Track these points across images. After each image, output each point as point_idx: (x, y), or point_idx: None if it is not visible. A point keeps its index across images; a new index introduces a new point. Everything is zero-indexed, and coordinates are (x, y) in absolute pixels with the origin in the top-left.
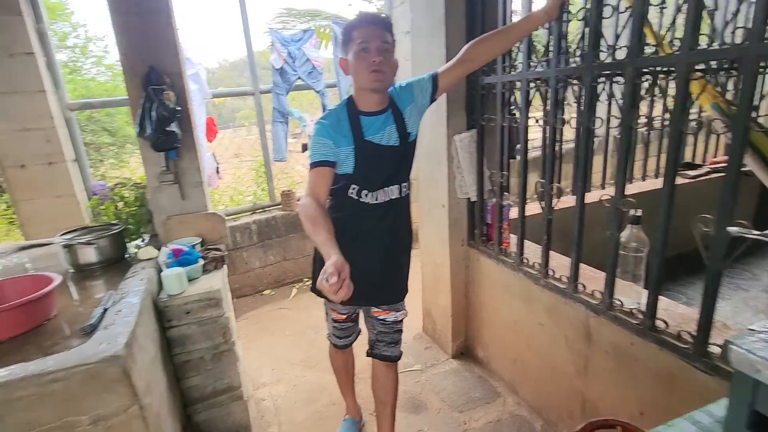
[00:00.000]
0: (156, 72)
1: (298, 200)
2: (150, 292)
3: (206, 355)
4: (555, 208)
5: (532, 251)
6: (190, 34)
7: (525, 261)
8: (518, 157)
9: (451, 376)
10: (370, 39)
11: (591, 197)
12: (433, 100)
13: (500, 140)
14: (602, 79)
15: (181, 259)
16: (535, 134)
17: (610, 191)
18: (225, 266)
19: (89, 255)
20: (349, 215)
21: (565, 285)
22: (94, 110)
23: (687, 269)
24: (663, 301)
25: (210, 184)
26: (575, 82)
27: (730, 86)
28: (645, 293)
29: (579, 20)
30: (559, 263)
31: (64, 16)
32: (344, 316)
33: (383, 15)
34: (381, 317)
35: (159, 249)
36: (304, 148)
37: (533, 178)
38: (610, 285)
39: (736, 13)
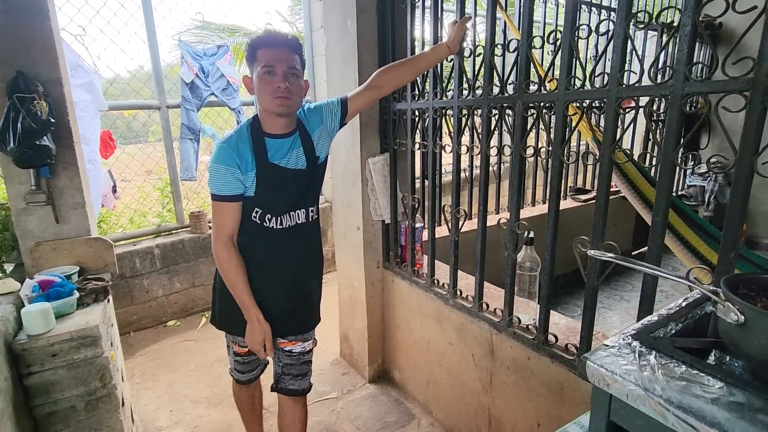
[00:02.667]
0: (26, 78)
1: (210, 223)
2: (4, 334)
3: (78, 404)
4: (464, 230)
5: (444, 272)
6: (91, 40)
7: (436, 282)
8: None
9: (367, 401)
10: (276, 62)
11: (493, 220)
12: (343, 124)
13: (410, 164)
14: (496, 111)
15: (50, 292)
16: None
17: (507, 215)
18: (109, 298)
19: None
20: (252, 240)
21: (471, 304)
22: None
23: (581, 284)
24: (555, 316)
25: (104, 205)
26: (476, 112)
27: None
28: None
29: (476, 56)
30: (468, 283)
31: None
32: (246, 349)
33: (290, 35)
34: (287, 348)
35: (23, 281)
36: None
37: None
38: (509, 303)
39: (597, 60)
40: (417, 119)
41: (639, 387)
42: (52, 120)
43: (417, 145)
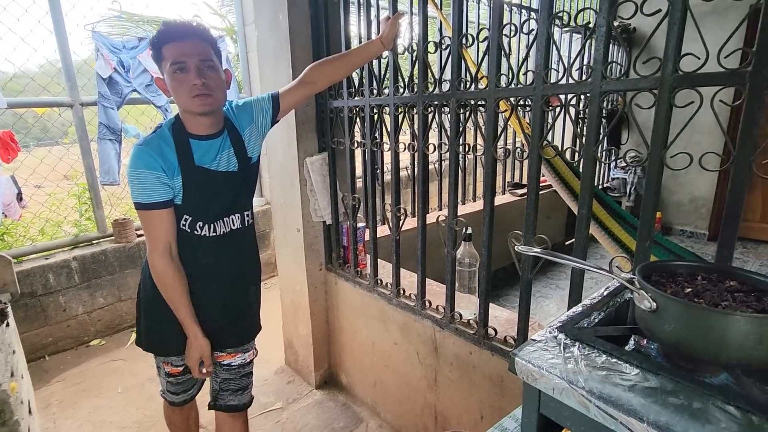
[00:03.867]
0: None
1: (140, 236)
2: None
3: None
4: (406, 228)
5: (388, 272)
6: None
7: (379, 282)
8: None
9: (314, 409)
10: (186, 57)
11: (435, 218)
12: (275, 121)
13: (349, 163)
14: (432, 108)
15: None
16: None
17: (443, 213)
18: (7, 321)
19: None
20: (182, 250)
21: (414, 302)
22: None
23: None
24: (495, 309)
25: (8, 215)
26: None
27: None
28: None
29: (409, 53)
30: (412, 281)
31: None
32: (180, 368)
33: (197, 23)
34: (226, 362)
35: None
36: None
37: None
38: (450, 299)
39: (524, 59)
40: (354, 117)
41: (564, 380)
42: None
43: (356, 144)
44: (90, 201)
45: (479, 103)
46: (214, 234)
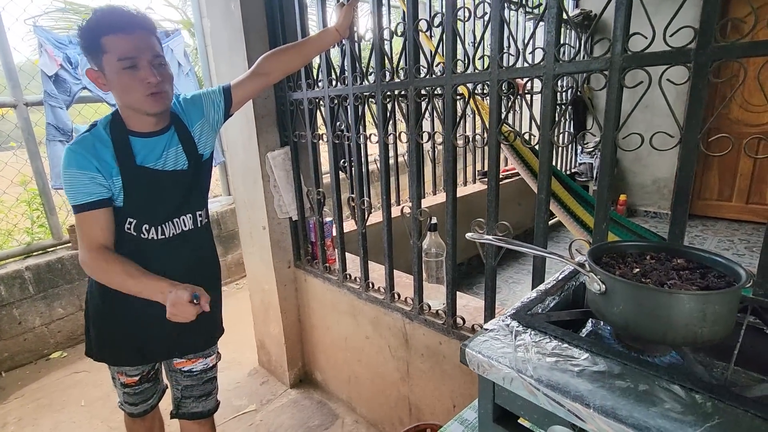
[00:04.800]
0: None
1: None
2: None
3: None
4: (373, 222)
5: (357, 266)
6: None
7: (348, 276)
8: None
9: (289, 408)
10: (138, 52)
11: (398, 211)
12: (228, 115)
13: (312, 157)
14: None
15: None
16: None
17: (407, 204)
18: None
19: None
20: (129, 254)
21: (383, 296)
22: None
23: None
24: (464, 299)
25: None
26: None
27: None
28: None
29: (365, 41)
30: (381, 275)
31: None
32: (137, 378)
33: (137, 12)
34: (186, 368)
35: None
36: None
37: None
38: (418, 291)
39: (478, 44)
40: (315, 109)
41: (513, 370)
42: None
43: (318, 137)
44: (42, 207)
45: (436, 91)
46: (163, 237)
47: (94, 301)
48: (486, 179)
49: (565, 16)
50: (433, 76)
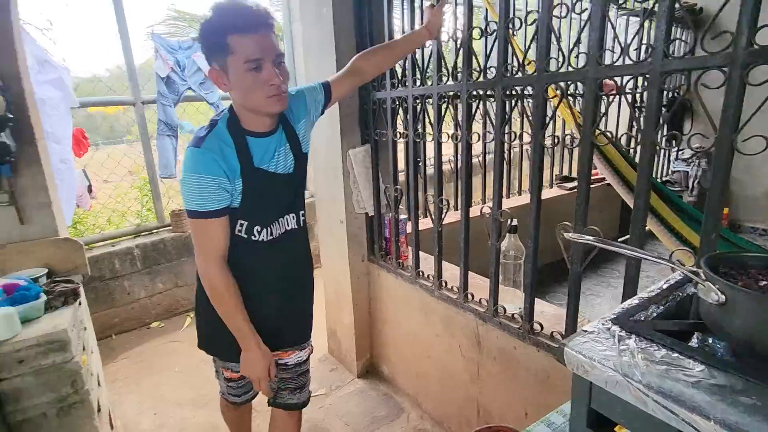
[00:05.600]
0: None
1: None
2: None
3: (49, 411)
4: (449, 221)
5: (430, 264)
6: (62, 35)
7: (421, 274)
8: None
9: (355, 397)
10: (263, 53)
11: (477, 212)
12: (322, 112)
13: (392, 155)
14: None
15: (15, 296)
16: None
17: (487, 205)
18: (80, 300)
19: None
20: (238, 257)
21: (456, 295)
22: None
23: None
24: (541, 305)
25: (80, 205)
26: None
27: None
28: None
29: (453, 40)
30: (454, 274)
31: None
32: (239, 373)
33: (261, 8)
34: (282, 361)
35: None
36: None
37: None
38: (494, 293)
39: (577, 41)
40: (397, 108)
41: (618, 373)
42: (10, 116)
43: (398, 135)
44: (150, 193)
45: (526, 90)
46: (271, 237)
47: (204, 301)
48: (564, 184)
49: (678, 11)
50: (522, 74)
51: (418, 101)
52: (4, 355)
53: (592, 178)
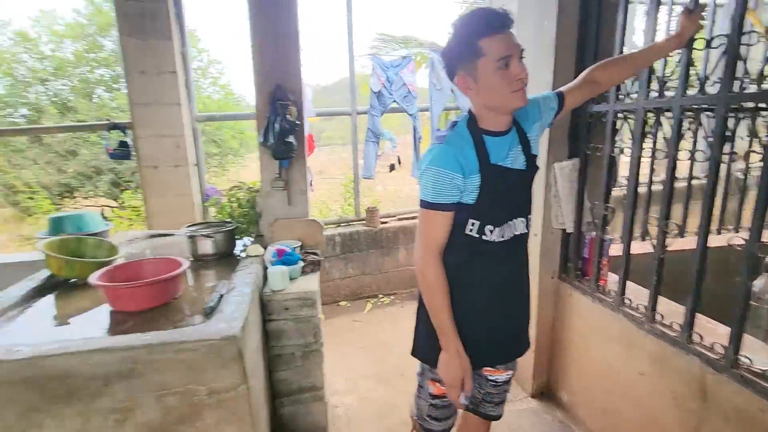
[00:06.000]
0: (281, 89)
1: (383, 222)
2: (257, 286)
3: (297, 352)
4: (672, 249)
5: (633, 292)
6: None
7: (627, 302)
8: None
9: (529, 415)
10: (510, 49)
11: (713, 241)
12: (551, 123)
13: (607, 171)
14: (737, 111)
15: (283, 258)
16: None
17: (739, 235)
18: (319, 270)
19: (206, 247)
20: (464, 260)
21: (676, 333)
22: (205, 123)
23: None
24: None
25: None
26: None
27: None
28: None
29: (713, 48)
30: (668, 309)
31: (193, 42)
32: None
33: (501, 9)
34: (492, 377)
35: (264, 248)
36: (392, 168)
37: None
38: (735, 339)
39: None
40: (621, 121)
41: None
42: (298, 122)
43: (617, 150)
44: (352, 191)
45: None
46: (502, 239)
47: (426, 313)
48: None
49: None
50: None
51: (649, 115)
52: (276, 301)
53: None
